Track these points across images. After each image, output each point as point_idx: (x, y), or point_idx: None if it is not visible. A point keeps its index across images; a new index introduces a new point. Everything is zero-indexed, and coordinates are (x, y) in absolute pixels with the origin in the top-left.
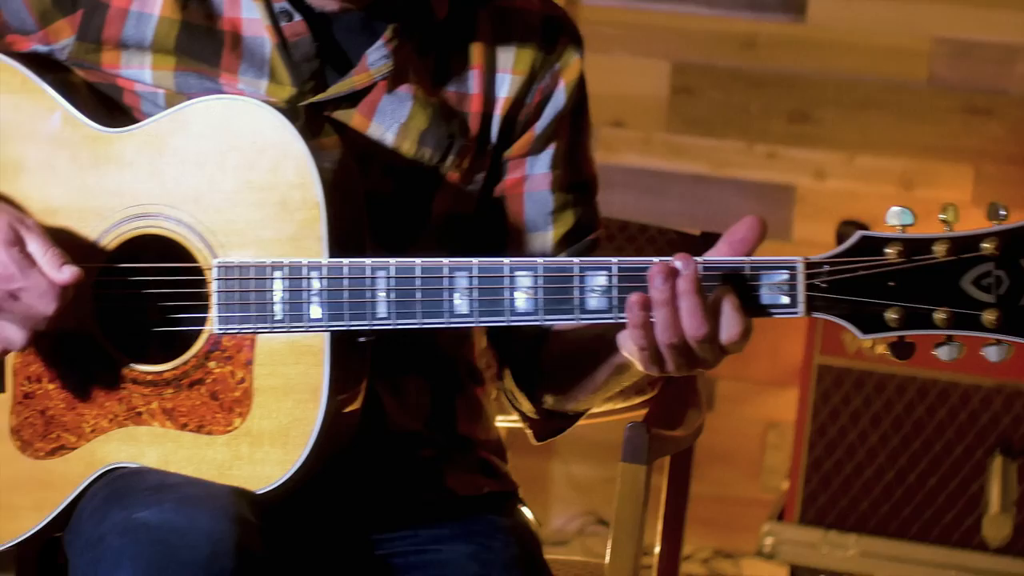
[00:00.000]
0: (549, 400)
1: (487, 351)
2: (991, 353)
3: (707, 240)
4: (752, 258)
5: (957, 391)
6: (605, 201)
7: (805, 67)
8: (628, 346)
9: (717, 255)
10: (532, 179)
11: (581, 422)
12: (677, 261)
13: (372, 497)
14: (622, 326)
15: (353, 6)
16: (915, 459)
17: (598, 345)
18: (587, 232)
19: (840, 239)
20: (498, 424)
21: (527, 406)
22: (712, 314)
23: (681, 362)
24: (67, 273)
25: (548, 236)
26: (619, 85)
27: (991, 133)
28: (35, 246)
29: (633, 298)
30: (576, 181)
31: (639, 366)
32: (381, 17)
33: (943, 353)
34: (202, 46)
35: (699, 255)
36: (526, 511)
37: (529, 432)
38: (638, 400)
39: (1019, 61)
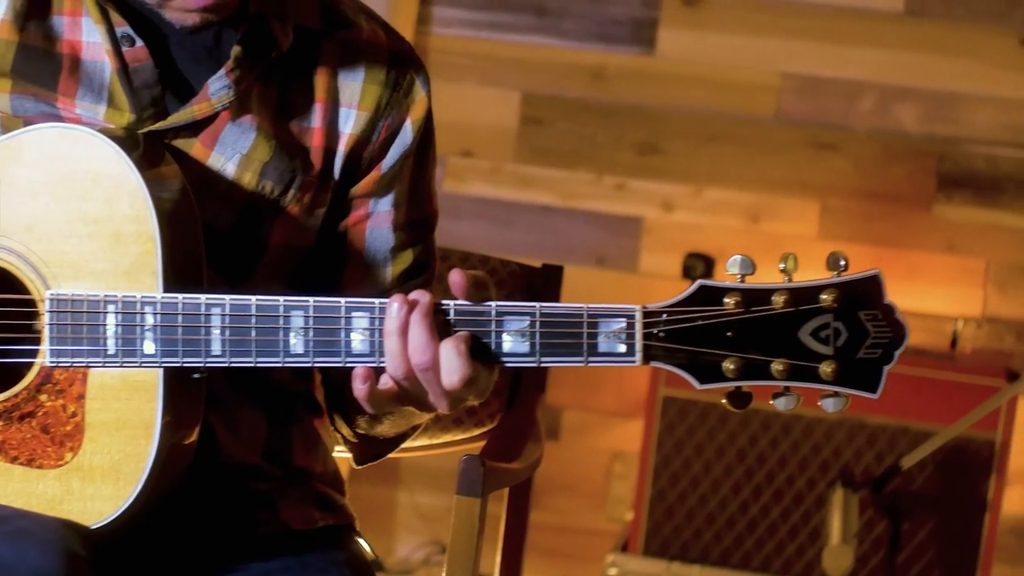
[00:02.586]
0: (362, 424)
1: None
2: (828, 404)
3: (548, 272)
4: (590, 305)
5: (800, 424)
6: (452, 231)
7: (654, 100)
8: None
9: None
10: (375, 216)
11: (423, 452)
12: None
13: (204, 531)
14: None
15: (215, 17)
16: (758, 491)
17: None
18: (424, 269)
19: (686, 271)
20: (336, 455)
21: (345, 429)
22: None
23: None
24: None
25: (387, 273)
26: (468, 115)
27: (837, 168)
28: None
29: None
30: (417, 218)
31: None
32: (226, 44)
33: (780, 403)
34: (39, 69)
35: (541, 288)
36: (363, 543)
37: (350, 456)
38: (477, 432)
39: (864, 97)
